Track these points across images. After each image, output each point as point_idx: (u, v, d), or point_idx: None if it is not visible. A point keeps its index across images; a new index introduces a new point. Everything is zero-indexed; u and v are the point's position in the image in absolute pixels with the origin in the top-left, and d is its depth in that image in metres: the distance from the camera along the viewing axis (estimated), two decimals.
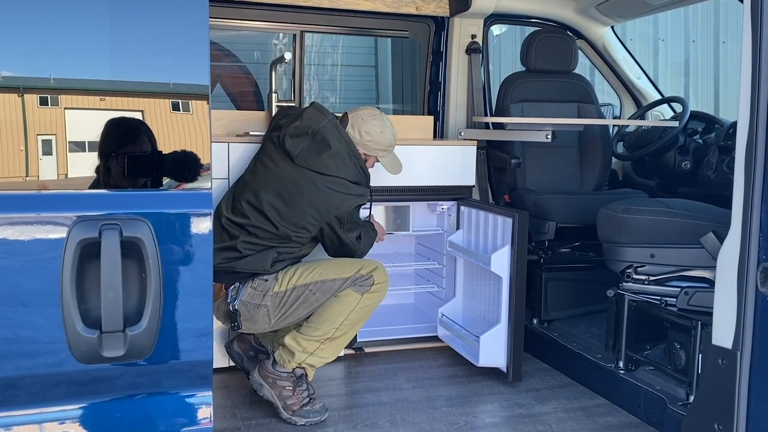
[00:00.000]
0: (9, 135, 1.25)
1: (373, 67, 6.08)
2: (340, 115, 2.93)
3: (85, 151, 1.32)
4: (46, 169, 1.30)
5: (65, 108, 1.30)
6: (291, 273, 2.68)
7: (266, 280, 2.65)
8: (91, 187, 1.33)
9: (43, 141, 1.28)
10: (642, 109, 4.15)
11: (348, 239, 2.79)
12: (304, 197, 2.65)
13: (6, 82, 1.25)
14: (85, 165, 1.34)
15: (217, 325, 3.01)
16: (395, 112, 5.74)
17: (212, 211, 1.38)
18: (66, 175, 1.32)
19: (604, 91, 4.66)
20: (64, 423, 1.35)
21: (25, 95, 1.27)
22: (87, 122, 1.34)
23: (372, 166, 2.93)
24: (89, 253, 1.28)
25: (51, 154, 1.30)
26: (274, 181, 2.68)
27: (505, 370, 3.08)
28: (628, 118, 4.21)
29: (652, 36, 6.71)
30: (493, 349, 3.06)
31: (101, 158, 1.34)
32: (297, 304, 2.67)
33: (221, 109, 4.00)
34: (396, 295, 3.87)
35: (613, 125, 4.11)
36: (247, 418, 2.71)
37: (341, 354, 3.33)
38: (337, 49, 5.89)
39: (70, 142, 1.30)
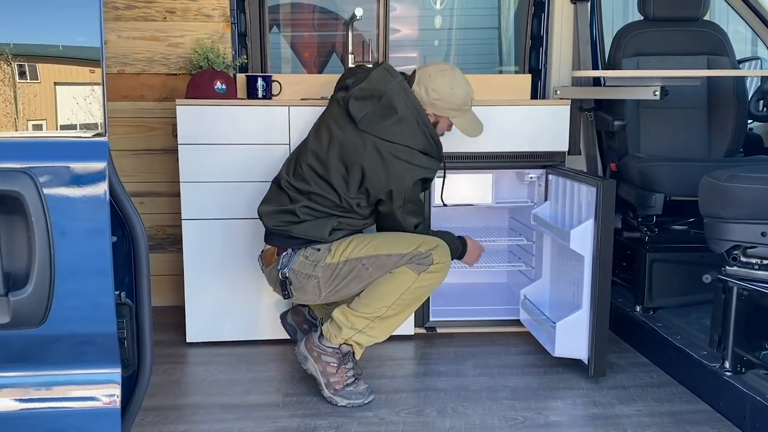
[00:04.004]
0: None
1: (496, 29, 5.67)
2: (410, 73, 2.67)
3: None
4: None
5: None
6: (345, 245, 2.49)
7: (319, 250, 2.48)
8: None
9: None
10: None
11: (405, 222, 2.54)
12: (365, 163, 2.44)
13: None
14: None
15: (274, 296, 2.91)
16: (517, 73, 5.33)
17: (106, 164, 1.20)
18: None
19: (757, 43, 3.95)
20: None
21: None
22: None
23: (448, 129, 2.65)
24: None
25: None
26: (338, 146, 2.49)
27: (586, 363, 2.69)
28: None
29: None
30: (571, 337, 2.67)
31: None
32: (349, 279, 2.48)
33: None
34: (486, 273, 3.56)
35: (751, 79, 3.45)
36: (289, 394, 2.57)
37: (411, 333, 3.09)
38: (455, 11, 5.57)
39: None
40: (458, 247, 2.72)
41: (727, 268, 2.36)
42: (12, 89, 1.20)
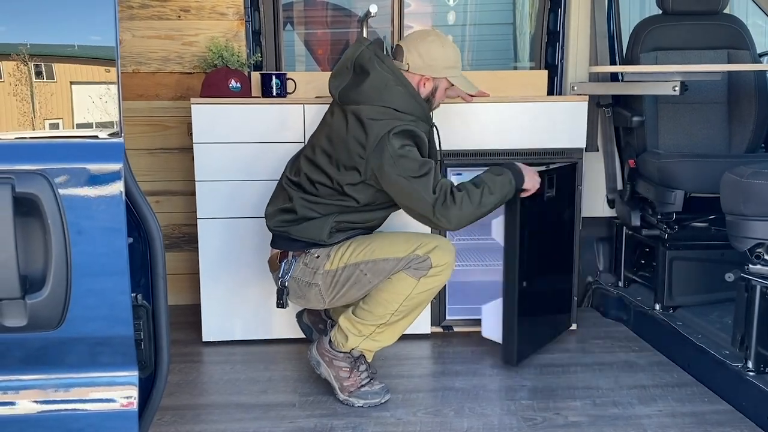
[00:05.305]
0: None
1: (511, 24, 5.63)
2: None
3: None
4: None
5: None
6: (344, 250, 2.44)
7: (318, 257, 2.45)
8: None
9: None
10: None
11: (413, 186, 2.29)
12: (348, 134, 2.36)
13: None
14: None
15: None
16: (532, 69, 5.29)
17: (122, 165, 1.19)
18: None
19: None
20: None
21: None
22: None
23: (443, 97, 2.55)
24: None
25: None
26: (327, 129, 2.48)
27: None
28: None
29: None
30: (494, 321, 2.78)
31: None
32: (349, 285, 2.43)
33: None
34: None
35: None
36: (305, 394, 2.56)
37: (428, 332, 3.08)
38: (469, 6, 5.53)
39: None
40: (516, 177, 2.43)
41: (750, 266, 2.32)
42: (29, 89, 1.19)
